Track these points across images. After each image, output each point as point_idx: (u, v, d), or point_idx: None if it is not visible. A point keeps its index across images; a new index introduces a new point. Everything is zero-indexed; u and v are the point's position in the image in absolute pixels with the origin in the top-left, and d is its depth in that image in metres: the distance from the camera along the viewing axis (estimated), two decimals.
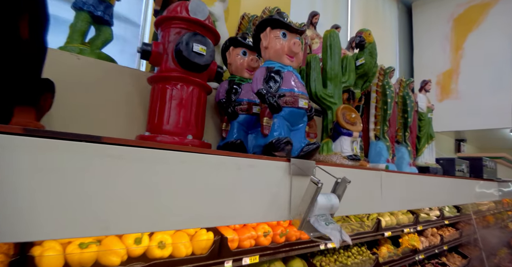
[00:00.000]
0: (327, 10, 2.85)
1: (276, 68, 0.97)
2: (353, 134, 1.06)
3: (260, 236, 1.08)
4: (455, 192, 1.75)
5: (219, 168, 0.64)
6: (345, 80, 1.18)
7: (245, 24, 1.55)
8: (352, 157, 1.04)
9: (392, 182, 1.16)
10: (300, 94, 0.94)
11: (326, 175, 0.79)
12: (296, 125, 0.96)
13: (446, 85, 3.58)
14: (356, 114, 1.10)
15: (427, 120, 1.74)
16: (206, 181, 0.61)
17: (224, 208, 0.63)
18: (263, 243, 1.09)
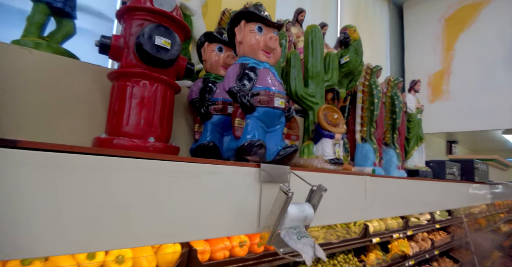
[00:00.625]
0: (316, 8, 2.79)
1: (251, 65, 0.89)
2: (335, 136, 0.99)
3: (236, 246, 1.00)
4: (446, 196, 1.69)
5: (173, 176, 0.55)
6: (328, 78, 1.11)
7: (226, 20, 1.47)
8: (334, 161, 0.97)
9: (378, 187, 1.09)
10: (276, 93, 0.86)
11: (304, 181, 0.71)
12: (272, 127, 0.89)
13: (437, 86, 3.53)
14: (339, 115, 1.02)
15: (416, 121, 1.67)
16: (155, 191, 0.53)
17: (178, 222, 0.55)
18: (239, 254, 1.01)
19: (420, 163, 1.67)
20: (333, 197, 0.90)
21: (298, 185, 0.77)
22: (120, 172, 0.51)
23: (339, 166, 0.98)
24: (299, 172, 0.80)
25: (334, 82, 1.12)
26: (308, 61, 1.08)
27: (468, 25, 3.35)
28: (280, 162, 0.86)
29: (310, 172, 0.83)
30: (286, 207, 0.59)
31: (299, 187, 0.77)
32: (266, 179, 0.69)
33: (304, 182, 0.78)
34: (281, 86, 0.91)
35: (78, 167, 0.47)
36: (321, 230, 1.30)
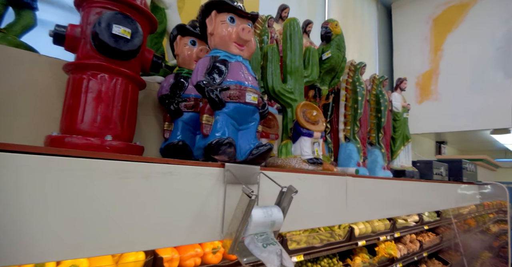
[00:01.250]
0: (302, 7, 2.75)
1: (222, 58, 0.83)
2: (314, 134, 0.93)
3: (208, 253, 0.93)
4: (433, 197, 1.64)
5: (121, 177, 0.49)
6: (308, 74, 1.05)
7: None
8: (313, 160, 0.91)
9: (360, 188, 1.03)
10: (249, 88, 0.80)
11: (275, 183, 0.64)
12: (245, 124, 0.82)
13: (425, 86, 3.52)
14: (318, 112, 0.97)
15: (402, 120, 1.63)
16: (100, 194, 0.46)
17: (126, 230, 0.48)
18: (212, 261, 0.94)
19: (406, 163, 1.62)
20: (311, 199, 0.84)
21: (270, 187, 0.71)
22: (58, 173, 0.44)
23: (318, 166, 0.92)
24: (273, 172, 0.74)
25: (314, 78, 1.07)
26: (287, 56, 1.03)
27: (456, 25, 3.35)
28: (252, 161, 0.80)
29: (286, 173, 0.77)
30: (249, 211, 0.52)
31: (272, 189, 0.71)
32: (231, 180, 0.62)
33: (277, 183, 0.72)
34: (255, 81, 0.85)
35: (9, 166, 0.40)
36: (303, 234, 1.24)
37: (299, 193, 0.79)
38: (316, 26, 2.30)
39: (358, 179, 1.03)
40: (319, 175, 0.89)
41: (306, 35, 2.00)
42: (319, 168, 0.94)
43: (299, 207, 0.78)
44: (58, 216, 0.43)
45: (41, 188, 0.42)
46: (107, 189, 0.48)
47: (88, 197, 0.46)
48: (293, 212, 0.76)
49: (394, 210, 1.27)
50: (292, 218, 0.75)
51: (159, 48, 1.16)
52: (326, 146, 1.37)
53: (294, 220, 0.76)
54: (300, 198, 0.78)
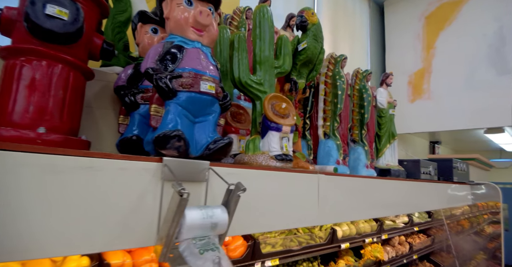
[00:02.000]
0: (289, 3, 2.68)
1: (177, 43, 0.76)
2: (282, 129, 0.85)
3: None
4: (421, 197, 1.57)
5: (23, 172, 0.41)
6: (279, 65, 0.98)
7: None
8: (281, 157, 0.83)
9: (337, 187, 0.96)
10: (205, 76, 0.73)
11: (224, 180, 0.57)
12: (202, 117, 0.75)
13: (418, 85, 3.46)
14: (289, 104, 0.89)
15: (388, 117, 1.56)
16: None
17: (36, 234, 0.41)
18: None
19: (392, 161, 1.55)
20: (276, 198, 0.76)
21: (224, 185, 0.63)
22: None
23: (287, 163, 0.85)
24: (229, 169, 0.67)
25: (286, 70, 1.00)
26: (256, 45, 0.95)
27: (448, 22, 3.29)
28: (210, 157, 0.73)
29: (246, 170, 0.70)
30: (180, 211, 0.45)
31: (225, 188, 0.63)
32: (171, 177, 0.55)
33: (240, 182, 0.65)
34: (215, 70, 0.78)
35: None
36: (279, 236, 1.17)
37: (261, 192, 0.72)
38: None
39: (333, 178, 0.95)
40: (288, 172, 0.81)
41: (290, 29, 1.94)
42: (289, 165, 0.86)
43: (260, 207, 0.70)
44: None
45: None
46: (6, 186, 0.40)
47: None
48: (253, 212, 0.69)
49: (377, 210, 1.20)
50: (251, 219, 0.68)
51: (123, 37, 1.08)
52: (305, 143, 1.30)
53: (253, 221, 0.68)
54: (262, 197, 0.71)
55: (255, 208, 0.69)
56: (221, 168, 0.64)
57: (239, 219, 0.65)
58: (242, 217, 0.66)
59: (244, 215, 0.66)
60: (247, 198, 0.67)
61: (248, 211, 0.67)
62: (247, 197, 0.67)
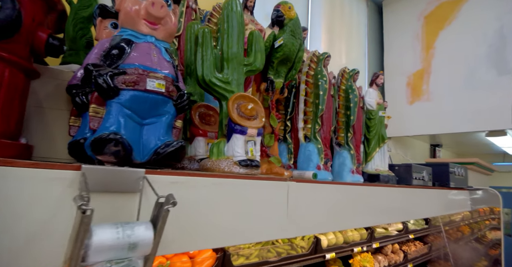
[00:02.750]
0: None
1: (125, 37, 0.69)
2: (247, 131, 0.78)
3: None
4: (412, 204, 1.48)
5: None
6: (250, 62, 0.90)
7: None
8: (245, 163, 0.76)
9: (311, 195, 0.88)
10: (153, 73, 0.65)
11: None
12: (151, 118, 0.68)
13: (417, 86, 3.36)
14: (256, 105, 0.82)
15: (378, 119, 1.48)
16: None
17: None
18: None
19: (382, 166, 1.47)
20: (236, 210, 0.68)
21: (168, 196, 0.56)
22: None
23: (252, 168, 0.77)
24: (175, 177, 0.59)
25: (257, 67, 0.92)
26: (223, 41, 0.88)
27: (448, 22, 3.20)
28: (158, 163, 0.65)
29: (195, 178, 0.62)
30: (83, 231, 0.37)
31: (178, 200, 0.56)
32: (94, 187, 0.47)
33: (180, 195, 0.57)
34: (169, 67, 0.71)
35: None
36: (255, 247, 1.09)
37: (215, 203, 0.64)
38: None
39: (307, 185, 0.87)
40: (250, 179, 0.73)
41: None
42: (255, 172, 0.78)
43: (214, 219, 0.63)
44: None
45: None
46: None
47: None
48: (203, 226, 0.61)
49: (362, 220, 1.11)
50: (201, 233, 0.60)
51: (86, 34, 1.02)
52: (286, 146, 1.22)
53: (204, 236, 0.61)
54: (216, 208, 0.63)
55: (206, 221, 0.61)
56: (163, 176, 0.56)
57: (184, 233, 0.57)
58: (189, 231, 0.58)
59: (192, 229, 0.59)
60: (196, 210, 0.60)
61: (196, 224, 0.59)
62: (195, 209, 0.60)
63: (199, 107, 0.97)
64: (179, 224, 0.56)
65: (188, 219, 0.58)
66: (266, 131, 1.05)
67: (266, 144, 1.03)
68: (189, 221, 0.58)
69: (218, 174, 0.67)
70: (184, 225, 0.57)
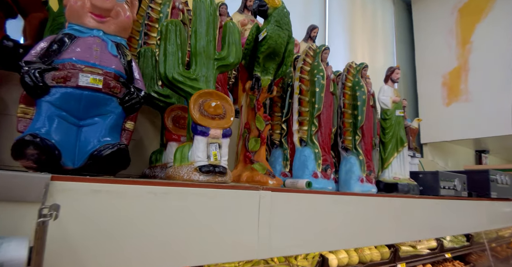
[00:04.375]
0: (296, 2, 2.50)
1: (67, 31, 0.63)
2: (210, 132, 0.67)
3: None
4: (443, 218, 1.27)
5: None
6: (222, 56, 0.81)
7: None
8: (206, 169, 0.65)
9: (293, 208, 0.75)
10: (87, 67, 0.58)
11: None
12: (92, 118, 0.60)
13: (454, 86, 3.04)
14: (225, 102, 0.72)
15: (394, 119, 1.30)
16: None
17: None
18: None
19: (401, 174, 1.27)
20: (189, 225, 0.58)
21: (81, 207, 0.47)
22: None
23: (215, 176, 0.66)
24: (104, 186, 0.50)
25: (231, 62, 0.82)
26: (193, 35, 0.79)
27: (484, 14, 2.88)
28: (96, 169, 0.57)
29: (127, 185, 0.52)
30: None
31: (83, 211, 0.47)
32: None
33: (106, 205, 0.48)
34: (115, 62, 0.63)
35: None
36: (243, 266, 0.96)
37: (152, 217, 0.54)
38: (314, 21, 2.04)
39: (289, 195, 0.74)
40: (214, 189, 0.62)
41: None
42: (220, 179, 0.67)
43: (148, 237, 0.52)
44: None
45: None
46: None
47: None
48: (131, 245, 0.51)
49: (366, 238, 0.94)
50: (127, 253, 0.50)
51: None
52: (281, 152, 1.10)
53: (132, 257, 0.50)
54: (153, 224, 0.53)
55: (138, 238, 0.51)
56: (84, 184, 0.47)
57: (106, 253, 0.47)
58: (114, 251, 0.48)
59: (119, 247, 0.49)
60: (124, 225, 0.50)
61: (124, 242, 0.49)
62: (123, 224, 0.50)
63: (173, 111, 0.89)
64: (99, 241, 0.47)
65: (111, 236, 0.48)
66: (252, 135, 0.94)
67: (251, 149, 0.91)
68: (114, 238, 0.49)
69: (158, 182, 0.57)
70: (106, 243, 0.47)
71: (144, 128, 1.02)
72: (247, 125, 0.95)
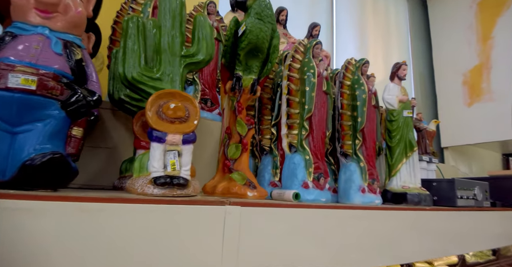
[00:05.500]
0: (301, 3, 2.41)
1: (8, 30, 0.57)
2: (166, 138, 0.59)
3: None
4: (455, 234, 1.12)
5: None
6: (189, 53, 0.73)
7: None
8: (162, 181, 0.57)
9: (270, 226, 0.65)
10: (20, 66, 0.51)
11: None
12: (28, 124, 0.53)
13: (475, 84, 2.84)
14: (188, 104, 0.63)
15: (402, 121, 1.18)
16: None
17: None
18: None
19: (412, 182, 1.14)
20: (139, 251, 0.49)
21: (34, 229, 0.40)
22: None
23: (172, 189, 0.58)
24: (26, 203, 0.42)
25: (202, 59, 0.74)
26: (157, 31, 0.72)
27: (506, 6, 2.69)
28: (29, 182, 0.50)
29: (62, 203, 0.44)
30: None
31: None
32: None
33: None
34: (58, 60, 0.56)
35: None
36: None
37: (81, 239, 0.45)
38: (320, 21, 1.95)
39: (265, 211, 0.64)
40: (169, 205, 0.53)
41: (279, 25, 1.70)
42: (182, 192, 0.59)
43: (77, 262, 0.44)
44: None
45: None
46: None
47: None
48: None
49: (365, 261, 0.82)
50: None
51: None
52: (271, 160, 1.00)
53: None
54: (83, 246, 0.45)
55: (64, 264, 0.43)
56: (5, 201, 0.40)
57: None
58: None
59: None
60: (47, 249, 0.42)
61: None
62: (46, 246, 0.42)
63: (143, 115, 0.81)
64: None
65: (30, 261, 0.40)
66: (232, 141, 0.85)
67: (231, 156, 0.82)
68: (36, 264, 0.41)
69: (92, 198, 0.49)
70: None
71: (119, 134, 0.95)
72: (228, 130, 0.87)
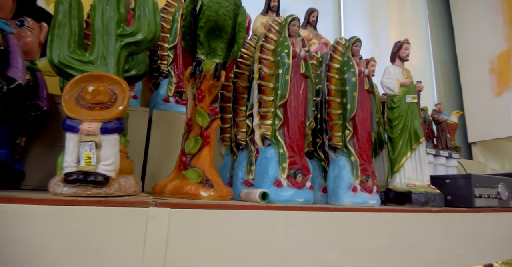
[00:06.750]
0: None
1: None
2: (81, 127, 0.50)
3: None
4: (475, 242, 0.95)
5: None
6: (127, 32, 0.63)
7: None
8: (73, 177, 0.47)
9: (221, 233, 0.54)
10: None
11: None
12: None
13: (504, 72, 2.57)
14: (117, 86, 0.54)
15: (404, 108, 1.03)
16: None
17: None
18: None
19: (418, 179, 0.98)
20: (43, 261, 0.40)
21: None
22: None
23: (86, 187, 0.48)
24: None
25: (142, 38, 0.64)
26: (92, 11, 0.64)
27: None
28: None
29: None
30: None
31: None
32: None
33: None
34: None
35: None
36: None
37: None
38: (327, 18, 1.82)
39: (215, 213, 0.53)
40: (76, 206, 0.44)
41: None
42: (99, 191, 0.49)
43: None
44: None
45: None
46: None
47: None
48: None
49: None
50: None
51: None
52: (246, 155, 0.89)
53: None
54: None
55: None
56: None
57: None
58: None
59: None
60: None
61: None
62: None
63: None
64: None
65: None
66: (192, 134, 0.75)
67: (188, 151, 0.72)
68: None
69: (51, 199, 0.40)
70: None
71: None
72: (189, 122, 0.77)
